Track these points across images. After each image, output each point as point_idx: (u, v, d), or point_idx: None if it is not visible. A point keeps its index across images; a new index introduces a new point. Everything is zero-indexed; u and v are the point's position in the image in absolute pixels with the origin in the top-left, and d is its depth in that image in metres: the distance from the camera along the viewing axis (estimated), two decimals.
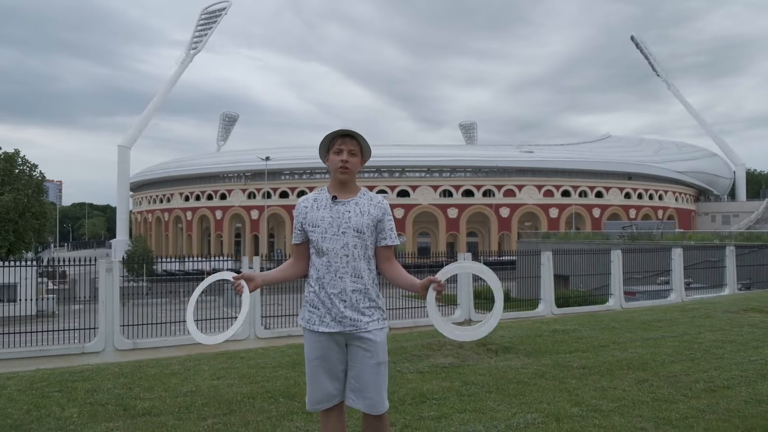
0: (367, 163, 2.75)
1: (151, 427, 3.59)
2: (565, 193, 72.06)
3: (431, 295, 2.51)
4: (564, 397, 4.18)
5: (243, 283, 2.55)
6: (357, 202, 2.64)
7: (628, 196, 75.78)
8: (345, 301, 2.56)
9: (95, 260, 14.64)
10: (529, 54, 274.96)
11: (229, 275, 2.64)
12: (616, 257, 17.76)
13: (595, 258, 19.60)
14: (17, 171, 43.84)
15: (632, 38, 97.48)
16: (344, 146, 2.64)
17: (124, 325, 13.32)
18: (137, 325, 13.90)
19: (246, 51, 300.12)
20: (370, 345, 2.59)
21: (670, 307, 9.42)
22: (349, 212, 2.61)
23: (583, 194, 72.96)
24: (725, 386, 4.46)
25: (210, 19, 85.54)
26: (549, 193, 71.77)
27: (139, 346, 13.21)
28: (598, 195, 74.02)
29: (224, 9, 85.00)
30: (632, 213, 73.50)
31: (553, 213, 70.84)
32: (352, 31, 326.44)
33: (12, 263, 14.96)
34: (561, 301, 17.62)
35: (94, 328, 13.13)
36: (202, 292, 2.78)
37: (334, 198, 2.64)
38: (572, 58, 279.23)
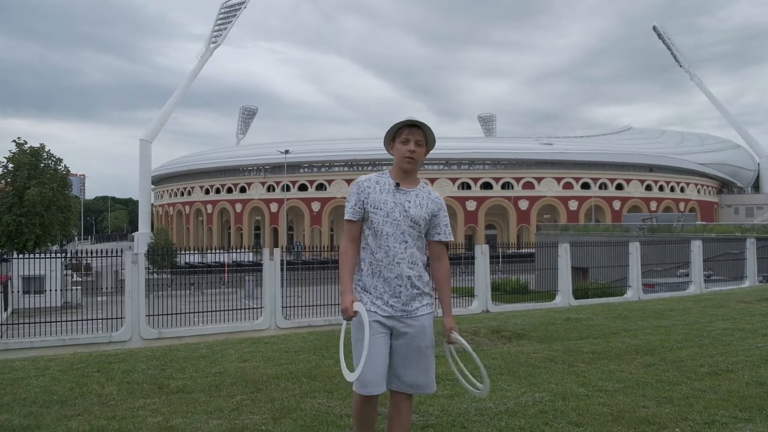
0: (382, 155, 2.87)
1: (185, 403, 3.87)
2: (585, 186, 71.60)
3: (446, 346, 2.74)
4: (572, 379, 4.39)
5: (355, 306, 2.55)
6: (417, 194, 2.72)
7: (649, 188, 75.06)
8: (400, 285, 2.62)
9: (122, 252, 15.10)
10: (549, 44, 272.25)
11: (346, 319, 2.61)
12: (635, 249, 17.79)
13: (614, 250, 19.62)
14: (43, 165, 44.72)
15: (654, 28, 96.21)
16: (411, 136, 2.69)
17: (149, 315, 13.74)
18: (162, 315, 14.31)
19: (264, 44, 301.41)
20: (419, 329, 2.63)
21: (684, 297, 9.54)
22: (410, 202, 2.68)
23: (603, 186, 72.43)
24: (729, 370, 4.63)
25: (229, 13, 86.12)
26: (568, 186, 71.37)
27: (164, 335, 13.62)
28: (619, 187, 73.42)
29: (243, 2, 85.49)
30: (653, 205, 72.81)
31: (573, 205, 70.45)
32: (369, 22, 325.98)
33: (39, 255, 15.45)
34: (579, 293, 17.68)
35: (121, 318, 13.59)
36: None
37: (398, 185, 2.71)
38: (594, 49, 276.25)
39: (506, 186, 70.49)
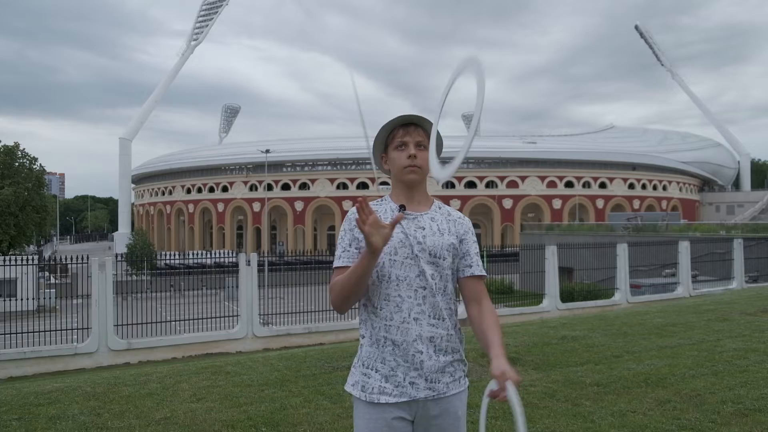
0: (368, 154, 2.10)
1: None
2: (569, 184, 71.51)
3: (486, 397, 1.75)
4: (579, 425, 3.76)
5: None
6: (432, 217, 1.96)
7: (632, 186, 75.19)
8: (420, 352, 1.84)
9: (88, 258, 14.34)
10: (532, 43, 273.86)
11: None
12: (622, 251, 17.38)
13: (599, 250, 19.26)
14: (17, 164, 43.54)
15: (636, 27, 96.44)
16: (409, 137, 1.95)
17: (118, 325, 12.99)
18: (132, 324, 13.57)
19: (247, 41, 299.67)
20: (451, 418, 1.89)
21: (683, 308, 9.00)
22: (423, 229, 1.91)
23: (586, 185, 72.40)
24: (756, 408, 4.03)
25: (211, 10, 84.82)
26: (552, 184, 71.24)
27: (133, 346, 12.87)
28: (602, 186, 73.45)
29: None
30: (636, 204, 72.95)
31: (557, 204, 70.33)
32: (353, 20, 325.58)
33: (12, 259, 14.71)
34: (565, 295, 17.25)
35: (89, 328, 12.83)
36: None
37: (402, 208, 1.93)
38: (577, 47, 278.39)
39: (490, 185, 70.16)
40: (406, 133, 1.96)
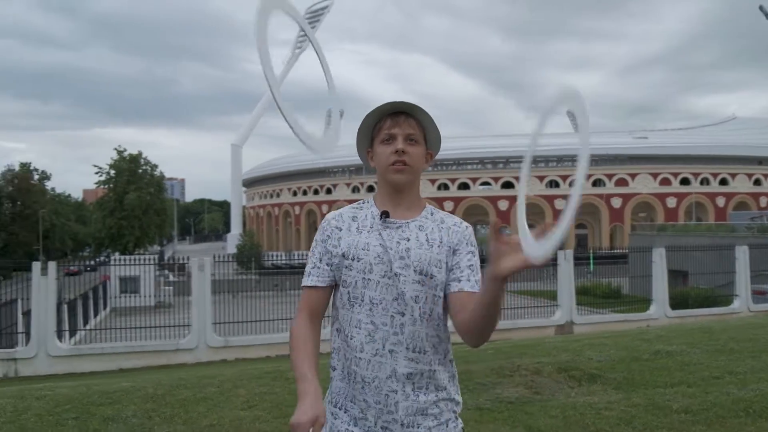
0: (469, 154, 1.64)
1: None
2: (684, 181, 66.85)
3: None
4: None
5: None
6: (421, 225, 1.63)
7: (758, 182, 69.03)
8: (395, 392, 1.53)
9: (188, 259, 15.19)
10: (642, 32, 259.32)
11: None
12: (742, 254, 15.99)
13: (717, 253, 17.90)
14: (140, 171, 47.11)
15: (761, 8, 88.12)
16: (397, 129, 1.63)
17: (217, 323, 13.54)
18: (230, 323, 14.07)
19: (349, 46, 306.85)
20: None
21: None
22: (408, 241, 1.59)
23: (705, 182, 67.35)
24: None
25: (314, 18, 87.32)
26: (666, 182, 66.91)
27: (230, 343, 13.42)
28: (723, 182, 68.02)
29: (327, 7, 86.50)
30: (763, 201, 66.87)
31: (671, 203, 65.98)
32: (453, 20, 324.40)
33: (134, 259, 16.05)
34: (678, 301, 16.09)
35: (189, 325, 13.56)
36: None
37: (385, 215, 1.63)
38: (692, 34, 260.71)
39: (597, 183, 67.01)
40: (394, 123, 1.63)
